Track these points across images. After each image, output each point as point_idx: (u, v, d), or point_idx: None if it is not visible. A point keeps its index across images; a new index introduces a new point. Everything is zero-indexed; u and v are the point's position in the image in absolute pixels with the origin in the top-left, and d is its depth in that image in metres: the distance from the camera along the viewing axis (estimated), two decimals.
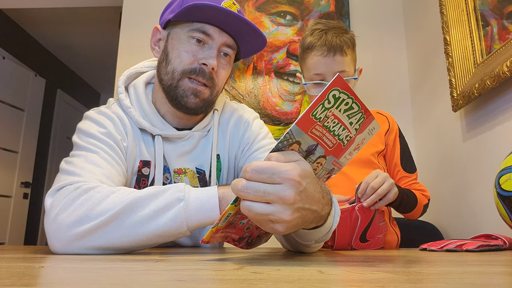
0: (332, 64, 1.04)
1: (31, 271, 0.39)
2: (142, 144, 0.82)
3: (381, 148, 1.10)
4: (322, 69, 1.05)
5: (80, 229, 0.57)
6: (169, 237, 0.60)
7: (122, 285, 0.30)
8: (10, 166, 3.31)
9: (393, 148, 1.11)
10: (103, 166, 0.69)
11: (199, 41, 0.77)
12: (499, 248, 0.76)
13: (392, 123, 1.14)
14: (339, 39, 1.05)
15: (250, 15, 1.92)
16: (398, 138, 1.13)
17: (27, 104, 3.51)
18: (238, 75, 1.87)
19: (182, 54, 0.77)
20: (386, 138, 1.11)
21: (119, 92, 0.84)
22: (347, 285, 0.31)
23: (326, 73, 1.05)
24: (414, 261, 0.53)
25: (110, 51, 2.86)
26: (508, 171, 0.72)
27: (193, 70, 0.77)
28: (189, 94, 0.78)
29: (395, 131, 1.13)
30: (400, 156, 1.11)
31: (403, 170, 1.10)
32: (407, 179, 1.09)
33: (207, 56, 0.77)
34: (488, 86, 1.09)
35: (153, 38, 0.85)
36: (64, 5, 2.95)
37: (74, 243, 0.58)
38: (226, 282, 0.32)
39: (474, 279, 0.36)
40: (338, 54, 1.04)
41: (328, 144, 0.50)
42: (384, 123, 1.13)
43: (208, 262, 0.50)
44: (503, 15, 1.11)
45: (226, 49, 0.80)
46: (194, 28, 0.77)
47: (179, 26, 0.79)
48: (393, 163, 1.11)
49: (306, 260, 0.53)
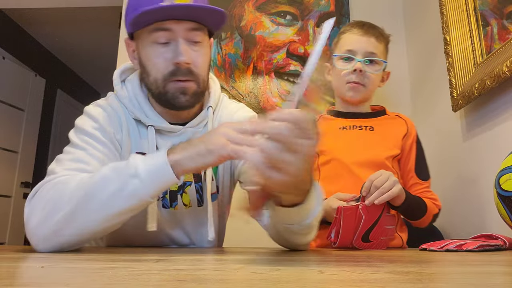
0: (366, 43, 1.08)
1: (31, 271, 0.39)
2: (138, 136, 0.83)
3: (396, 153, 1.07)
4: (355, 46, 1.08)
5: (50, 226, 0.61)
6: (137, 210, 0.64)
7: (122, 285, 0.31)
8: (10, 166, 3.31)
9: (409, 153, 1.09)
10: (88, 162, 0.72)
11: (163, 44, 0.76)
12: (499, 248, 0.76)
13: (411, 128, 1.12)
14: (377, 29, 1.12)
15: (250, 15, 1.93)
16: (415, 143, 1.10)
17: (27, 104, 3.51)
18: (238, 75, 1.87)
19: (155, 62, 0.77)
20: (403, 142, 1.09)
21: (115, 84, 0.85)
22: (347, 285, 0.31)
23: (357, 50, 1.07)
24: (414, 261, 0.53)
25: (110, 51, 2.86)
26: (508, 171, 0.72)
27: (171, 72, 0.77)
28: (178, 95, 0.78)
29: (413, 136, 1.11)
30: (415, 162, 1.08)
31: (417, 177, 1.08)
32: (419, 186, 1.07)
33: (176, 54, 0.75)
34: (488, 86, 1.09)
35: (128, 50, 0.85)
36: (64, 5, 2.94)
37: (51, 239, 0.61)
38: (226, 282, 0.32)
39: (474, 279, 0.36)
40: (373, 37, 1.09)
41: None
42: (402, 127, 1.11)
43: (208, 262, 0.50)
44: (503, 15, 1.11)
45: (192, 35, 0.77)
46: (152, 30, 0.76)
47: (141, 34, 0.78)
48: (407, 169, 1.09)
49: (306, 260, 0.54)
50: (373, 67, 1.09)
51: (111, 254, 0.60)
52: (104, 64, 4.03)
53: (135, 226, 0.74)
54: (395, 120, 1.14)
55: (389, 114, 1.16)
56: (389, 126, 1.11)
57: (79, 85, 4.65)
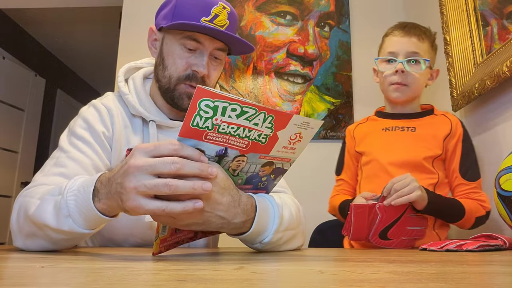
0: (407, 43, 1.08)
1: (31, 271, 0.39)
2: (131, 133, 0.86)
3: (437, 153, 1.06)
4: (396, 47, 1.09)
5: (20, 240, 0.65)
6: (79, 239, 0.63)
7: (122, 285, 0.31)
8: (10, 166, 3.31)
9: (453, 153, 1.07)
10: (67, 165, 0.75)
11: (190, 50, 0.83)
12: (499, 248, 0.76)
13: (455, 127, 1.08)
14: (420, 28, 1.11)
15: (250, 15, 1.92)
16: (460, 143, 1.07)
17: (27, 104, 3.51)
18: (238, 75, 1.87)
19: (176, 61, 0.83)
20: (445, 143, 1.07)
21: (119, 81, 0.89)
22: (347, 285, 0.31)
23: (399, 52, 1.08)
24: (414, 261, 0.53)
25: (110, 51, 2.86)
26: (508, 171, 0.72)
27: (187, 76, 0.83)
28: (184, 97, 0.84)
29: (458, 135, 1.07)
30: (460, 162, 1.06)
31: (461, 177, 1.05)
32: (465, 187, 1.04)
33: (199, 64, 0.82)
34: (488, 86, 1.09)
35: (150, 38, 0.89)
36: (64, 5, 2.94)
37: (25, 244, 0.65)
38: (226, 282, 0.32)
39: (474, 279, 0.36)
40: (415, 37, 1.09)
41: (239, 146, 0.53)
42: (445, 127, 1.08)
43: (208, 262, 0.50)
44: (503, 15, 1.11)
45: (217, 53, 0.85)
46: (186, 36, 0.81)
47: (172, 33, 0.83)
48: (451, 169, 1.07)
49: (306, 260, 0.54)
50: (416, 66, 1.09)
51: (111, 254, 0.60)
52: (104, 64, 4.03)
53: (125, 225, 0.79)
54: (440, 120, 1.11)
55: (436, 114, 1.13)
56: (432, 126, 1.10)
57: (79, 85, 4.65)
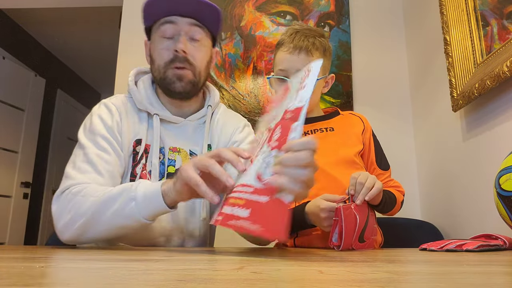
0: (296, 61, 1.05)
1: (31, 271, 0.39)
2: (137, 126, 0.92)
3: (360, 148, 1.12)
4: (286, 65, 1.07)
5: (73, 231, 0.74)
6: (136, 229, 0.73)
7: (122, 285, 0.31)
8: (10, 166, 3.31)
9: (369, 146, 1.14)
10: (95, 162, 0.83)
11: (169, 38, 0.89)
12: (499, 248, 0.76)
13: (366, 122, 1.17)
14: (308, 39, 1.06)
15: (250, 15, 1.92)
16: (372, 136, 1.15)
17: (27, 104, 3.51)
18: (238, 75, 1.87)
19: (160, 52, 0.90)
20: (363, 137, 1.14)
21: (129, 80, 0.97)
22: (347, 285, 0.31)
23: (289, 70, 1.06)
24: (414, 261, 0.53)
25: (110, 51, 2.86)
26: (508, 171, 0.72)
27: (171, 60, 0.89)
28: (175, 80, 0.89)
29: (370, 130, 1.16)
30: (375, 154, 1.13)
31: (379, 168, 1.12)
32: (382, 176, 1.10)
33: (176, 44, 0.88)
34: (488, 86, 1.09)
35: (146, 51, 0.97)
36: (64, 5, 2.94)
37: (74, 239, 0.76)
38: (226, 282, 0.32)
39: (474, 279, 0.36)
40: (303, 53, 1.06)
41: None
42: (358, 123, 1.16)
43: (208, 262, 0.50)
44: (503, 15, 1.11)
45: (193, 31, 0.90)
46: (160, 24, 0.89)
47: (153, 32, 0.92)
48: (370, 161, 1.13)
49: (306, 260, 0.54)
50: None
51: (111, 254, 0.60)
52: (104, 64, 4.03)
53: None
54: (351, 118, 1.18)
55: (343, 114, 1.19)
56: (346, 124, 1.15)
57: (79, 85, 4.65)
